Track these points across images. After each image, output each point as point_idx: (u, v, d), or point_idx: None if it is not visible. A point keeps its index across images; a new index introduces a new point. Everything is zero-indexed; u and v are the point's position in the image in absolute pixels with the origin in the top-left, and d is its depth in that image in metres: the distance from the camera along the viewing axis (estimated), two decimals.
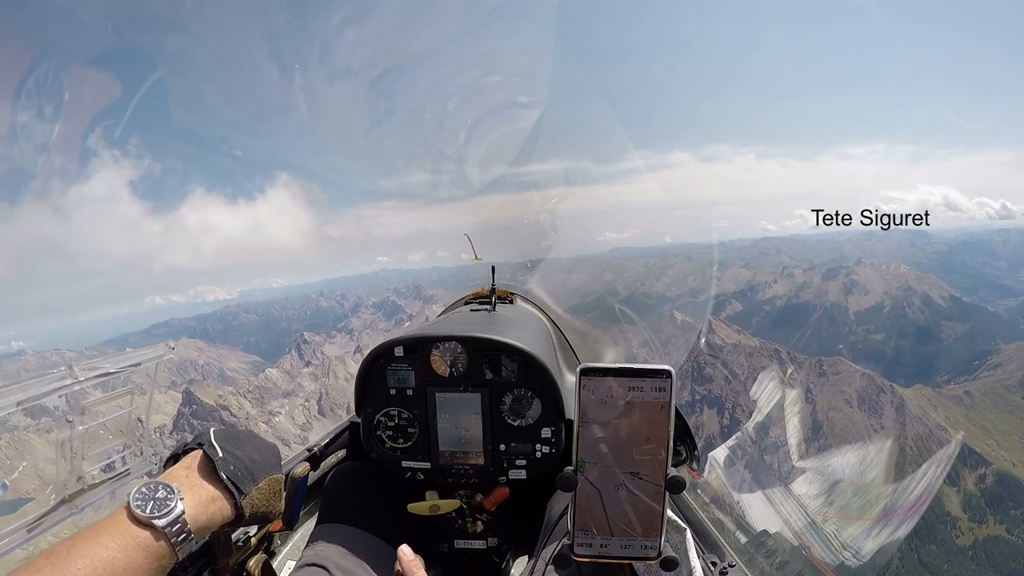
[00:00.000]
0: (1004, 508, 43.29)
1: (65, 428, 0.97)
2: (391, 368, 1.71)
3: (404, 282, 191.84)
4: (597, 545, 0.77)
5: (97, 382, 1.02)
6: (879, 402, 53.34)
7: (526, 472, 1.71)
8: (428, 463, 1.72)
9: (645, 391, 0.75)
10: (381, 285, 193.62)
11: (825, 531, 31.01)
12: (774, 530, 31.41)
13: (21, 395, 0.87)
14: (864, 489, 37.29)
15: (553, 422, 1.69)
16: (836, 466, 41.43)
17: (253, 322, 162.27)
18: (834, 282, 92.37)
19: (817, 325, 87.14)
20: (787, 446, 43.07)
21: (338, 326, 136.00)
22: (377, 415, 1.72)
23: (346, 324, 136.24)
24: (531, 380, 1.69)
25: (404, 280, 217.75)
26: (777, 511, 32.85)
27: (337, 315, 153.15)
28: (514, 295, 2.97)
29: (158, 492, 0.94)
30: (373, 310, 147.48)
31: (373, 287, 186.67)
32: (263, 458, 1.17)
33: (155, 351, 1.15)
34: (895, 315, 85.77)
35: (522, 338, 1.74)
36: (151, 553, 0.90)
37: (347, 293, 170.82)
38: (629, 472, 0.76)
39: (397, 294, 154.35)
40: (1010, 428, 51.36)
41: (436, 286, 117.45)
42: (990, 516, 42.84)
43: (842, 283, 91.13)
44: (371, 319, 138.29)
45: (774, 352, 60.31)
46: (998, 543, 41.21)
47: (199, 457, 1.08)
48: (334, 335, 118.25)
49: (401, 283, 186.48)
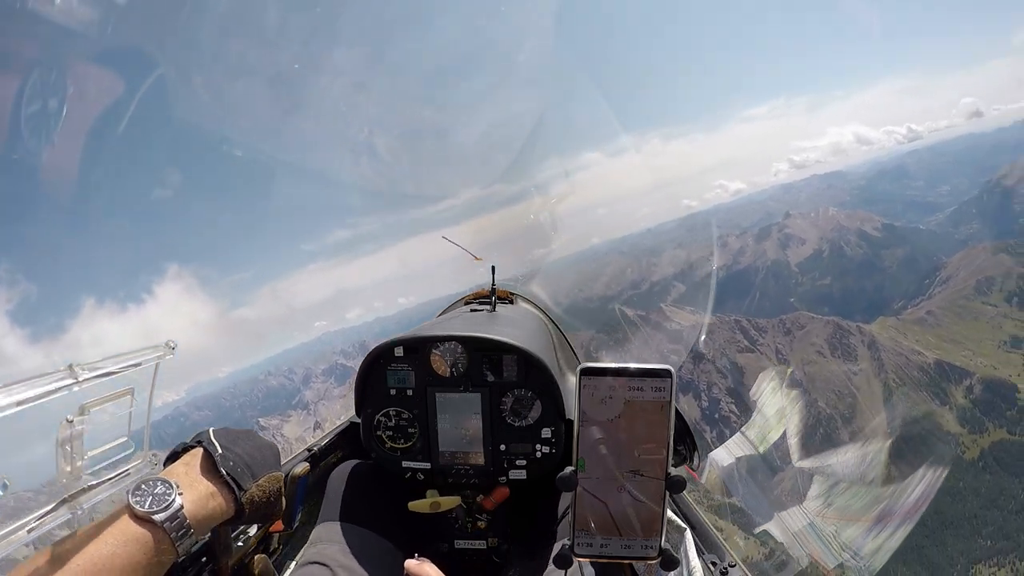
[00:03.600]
0: (999, 412, 43.54)
1: (65, 428, 0.97)
2: (391, 368, 1.71)
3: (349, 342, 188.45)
4: (597, 545, 0.77)
5: (97, 382, 1.02)
6: (850, 344, 53.60)
7: (526, 472, 1.71)
8: (428, 463, 1.72)
9: (645, 391, 0.74)
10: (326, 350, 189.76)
11: (825, 531, 31.09)
12: (774, 530, 31.46)
13: (21, 395, 0.87)
14: (863, 488, 37.28)
15: (553, 422, 1.69)
16: (835, 465, 41.37)
17: (206, 418, 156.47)
18: (768, 240, 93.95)
19: (764, 286, 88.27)
20: (787, 446, 43.14)
21: (292, 403, 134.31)
22: (377, 415, 1.72)
23: (300, 399, 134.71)
24: (531, 380, 1.69)
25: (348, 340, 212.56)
26: (777, 511, 32.89)
27: (289, 391, 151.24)
28: (514, 295, 2.97)
29: (157, 488, 0.95)
30: (324, 377, 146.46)
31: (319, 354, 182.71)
32: (263, 456, 1.17)
33: (155, 350, 1.15)
34: (836, 257, 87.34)
35: (522, 338, 1.74)
36: (151, 548, 0.90)
37: (294, 366, 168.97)
38: (629, 472, 0.75)
39: (344, 355, 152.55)
40: (980, 334, 52.19)
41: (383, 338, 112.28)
42: (988, 423, 42.96)
43: (776, 239, 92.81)
44: (324, 388, 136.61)
45: (734, 323, 60.36)
46: (1004, 447, 41.06)
47: (199, 454, 1.08)
48: (289, 414, 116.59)
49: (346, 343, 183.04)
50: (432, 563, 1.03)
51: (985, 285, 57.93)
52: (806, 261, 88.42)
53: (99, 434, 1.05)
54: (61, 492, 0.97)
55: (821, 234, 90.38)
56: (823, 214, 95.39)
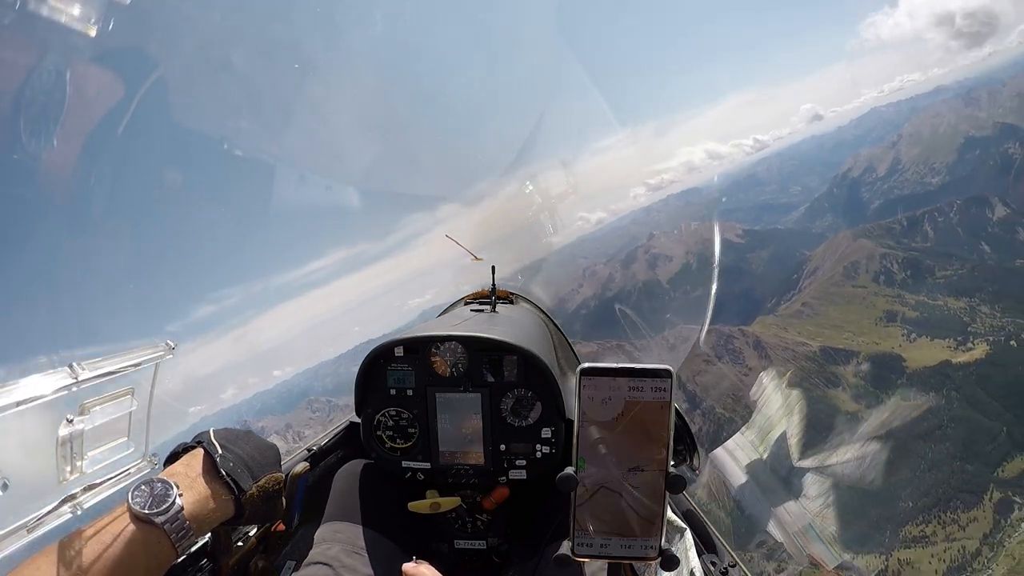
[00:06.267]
0: (890, 382, 45.77)
1: (65, 427, 0.97)
2: (391, 368, 1.71)
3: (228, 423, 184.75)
4: (597, 545, 0.77)
5: (97, 382, 1.02)
6: (735, 348, 54.99)
7: (526, 472, 1.71)
8: (428, 463, 1.72)
9: (645, 391, 0.74)
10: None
11: (825, 531, 31.23)
12: (774, 530, 31.53)
13: (21, 394, 0.87)
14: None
15: (553, 422, 1.69)
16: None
17: None
18: (636, 263, 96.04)
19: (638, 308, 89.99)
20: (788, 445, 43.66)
21: None
22: (377, 415, 1.72)
23: None
24: (531, 380, 1.69)
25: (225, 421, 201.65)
26: (777, 511, 32.97)
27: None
28: (514, 295, 2.96)
29: (157, 488, 0.95)
30: None
31: None
32: (263, 457, 1.17)
33: (155, 350, 1.15)
34: (704, 267, 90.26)
35: (522, 338, 1.74)
36: (151, 549, 0.90)
37: None
38: (629, 472, 0.75)
39: None
40: (856, 315, 55.41)
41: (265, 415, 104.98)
42: (882, 395, 44.96)
43: (644, 261, 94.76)
44: None
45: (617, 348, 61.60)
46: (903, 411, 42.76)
47: (199, 455, 1.08)
48: None
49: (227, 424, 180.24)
50: (430, 564, 1.02)
51: (852, 270, 61.83)
52: (676, 276, 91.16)
53: (99, 434, 1.06)
54: (61, 492, 0.98)
55: (687, 248, 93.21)
56: (685, 229, 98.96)
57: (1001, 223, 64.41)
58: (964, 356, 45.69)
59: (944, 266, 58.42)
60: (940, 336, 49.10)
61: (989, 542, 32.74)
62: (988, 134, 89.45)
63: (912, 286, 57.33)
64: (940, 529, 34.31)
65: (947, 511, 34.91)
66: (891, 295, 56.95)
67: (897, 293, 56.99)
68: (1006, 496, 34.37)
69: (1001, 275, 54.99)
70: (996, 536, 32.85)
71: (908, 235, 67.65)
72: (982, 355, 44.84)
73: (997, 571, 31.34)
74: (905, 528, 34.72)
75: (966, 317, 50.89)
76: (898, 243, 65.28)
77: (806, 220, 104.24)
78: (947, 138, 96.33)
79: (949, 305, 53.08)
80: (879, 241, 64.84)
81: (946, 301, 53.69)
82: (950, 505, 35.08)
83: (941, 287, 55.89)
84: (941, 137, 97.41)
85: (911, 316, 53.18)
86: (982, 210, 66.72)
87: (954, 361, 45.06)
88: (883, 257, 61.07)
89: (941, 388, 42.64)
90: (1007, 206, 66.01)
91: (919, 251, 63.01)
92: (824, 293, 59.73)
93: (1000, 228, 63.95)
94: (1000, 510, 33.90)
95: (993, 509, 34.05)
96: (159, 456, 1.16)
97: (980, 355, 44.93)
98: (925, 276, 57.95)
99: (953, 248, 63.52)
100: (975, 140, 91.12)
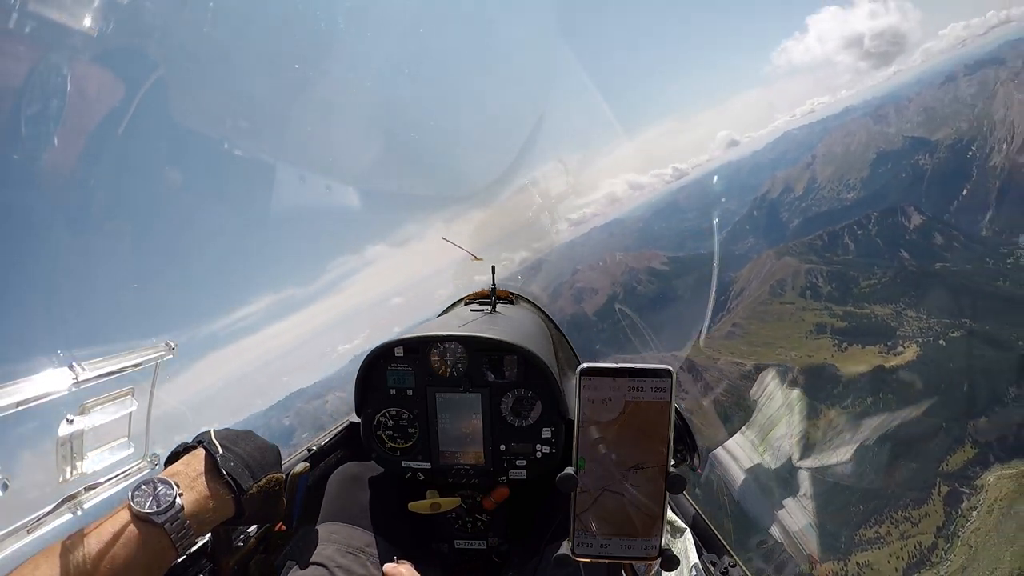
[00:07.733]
0: (827, 392, 46.20)
1: (66, 427, 0.97)
2: (391, 368, 1.71)
3: None
4: (597, 545, 0.76)
5: (98, 382, 1.02)
6: None
7: (526, 472, 1.71)
8: (428, 463, 1.72)
9: (645, 391, 0.74)
10: None
11: (825, 531, 31.27)
12: (775, 530, 31.57)
13: (21, 395, 0.87)
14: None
15: (553, 422, 1.69)
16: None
17: None
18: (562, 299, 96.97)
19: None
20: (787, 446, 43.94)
21: None
22: (377, 415, 1.72)
23: None
24: (531, 380, 1.68)
25: None
26: (778, 511, 33.02)
27: None
28: (514, 295, 2.96)
29: (158, 488, 0.95)
30: None
31: None
32: (263, 457, 1.17)
33: (155, 350, 1.15)
34: (631, 297, 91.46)
35: (522, 338, 1.74)
36: (151, 548, 0.90)
37: None
38: (629, 472, 0.75)
39: None
40: (786, 331, 56.37)
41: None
42: (820, 406, 45.21)
43: (570, 296, 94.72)
44: None
45: None
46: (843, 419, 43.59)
47: (200, 455, 1.08)
48: None
49: None
50: (410, 565, 1.02)
51: (778, 287, 62.94)
52: (603, 309, 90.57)
53: (99, 434, 1.06)
54: (61, 492, 0.98)
55: (612, 280, 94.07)
56: (610, 260, 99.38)
57: (918, 230, 66.76)
58: (896, 360, 46.42)
59: (867, 276, 60.05)
60: (870, 343, 50.08)
61: (944, 534, 33.08)
62: (898, 148, 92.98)
63: (838, 298, 58.66)
64: (894, 528, 34.65)
65: (898, 510, 35.34)
66: (818, 308, 58.14)
67: (824, 306, 58.19)
68: (953, 488, 34.76)
69: (923, 279, 56.74)
70: (950, 528, 33.12)
71: (830, 249, 69.72)
72: (913, 357, 45.69)
73: (956, 561, 31.63)
74: (859, 532, 35.01)
75: (893, 322, 52.20)
76: (821, 258, 67.23)
77: (727, 244, 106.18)
78: (859, 155, 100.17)
79: (876, 312, 54.42)
80: (802, 257, 66.74)
81: (873, 309, 55.07)
82: (900, 504, 35.54)
83: (866, 296, 57.32)
84: (853, 154, 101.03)
85: (840, 327, 54.23)
86: (898, 219, 69.19)
87: (887, 365, 45.93)
88: (807, 272, 62.69)
89: (877, 392, 43.54)
90: (922, 213, 68.57)
91: (842, 264, 64.84)
92: (753, 313, 60.92)
93: (917, 235, 66.25)
94: (950, 502, 34.29)
95: (943, 502, 34.44)
96: (159, 456, 1.16)
97: (911, 357, 45.76)
98: (850, 287, 59.34)
99: (874, 258, 65.27)
100: (886, 154, 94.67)
